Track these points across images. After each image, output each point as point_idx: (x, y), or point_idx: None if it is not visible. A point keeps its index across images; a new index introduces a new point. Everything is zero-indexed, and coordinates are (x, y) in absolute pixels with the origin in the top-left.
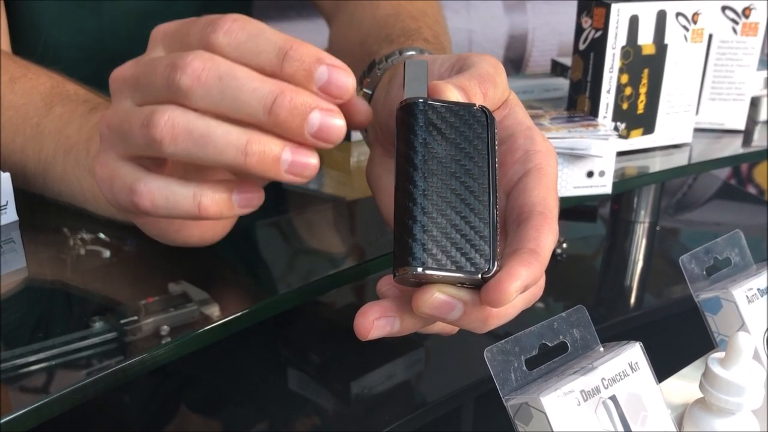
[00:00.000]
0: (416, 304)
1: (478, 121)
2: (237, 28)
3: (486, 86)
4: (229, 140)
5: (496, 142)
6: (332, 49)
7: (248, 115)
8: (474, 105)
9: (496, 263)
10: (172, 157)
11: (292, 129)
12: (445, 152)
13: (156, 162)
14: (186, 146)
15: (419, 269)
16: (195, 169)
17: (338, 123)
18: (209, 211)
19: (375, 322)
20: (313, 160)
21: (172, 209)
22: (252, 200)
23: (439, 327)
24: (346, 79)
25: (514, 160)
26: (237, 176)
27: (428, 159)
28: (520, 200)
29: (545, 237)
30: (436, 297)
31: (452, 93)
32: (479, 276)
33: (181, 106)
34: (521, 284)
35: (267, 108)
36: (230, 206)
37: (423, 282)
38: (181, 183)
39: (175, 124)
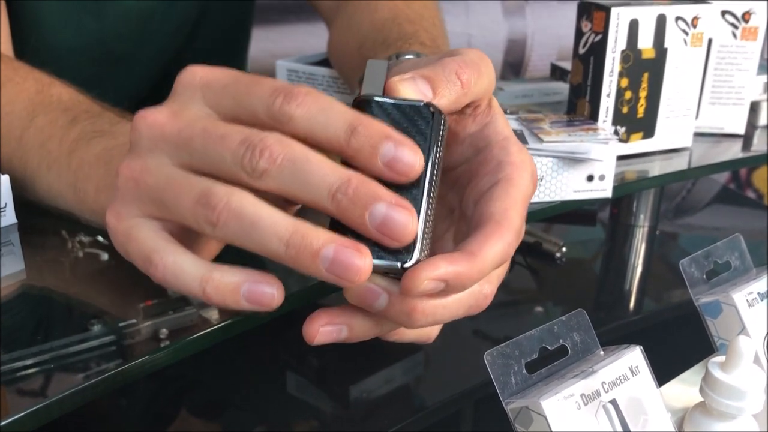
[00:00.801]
0: (346, 292)
1: (423, 119)
2: (310, 102)
3: (467, 71)
4: (275, 230)
5: (440, 139)
6: (331, 53)
7: (312, 200)
8: (421, 102)
9: (417, 256)
10: (215, 238)
11: (354, 218)
12: None
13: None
14: (234, 230)
15: None
16: None
17: (408, 219)
18: (212, 300)
19: (321, 328)
20: (359, 261)
21: (180, 287)
22: (263, 298)
23: (411, 334)
24: (412, 157)
25: (486, 170)
26: None
27: None
28: (481, 209)
29: (491, 244)
30: (362, 284)
31: (406, 89)
32: (399, 266)
33: (241, 186)
34: (436, 275)
35: (331, 194)
36: (236, 299)
37: None
38: (193, 262)
39: (230, 208)
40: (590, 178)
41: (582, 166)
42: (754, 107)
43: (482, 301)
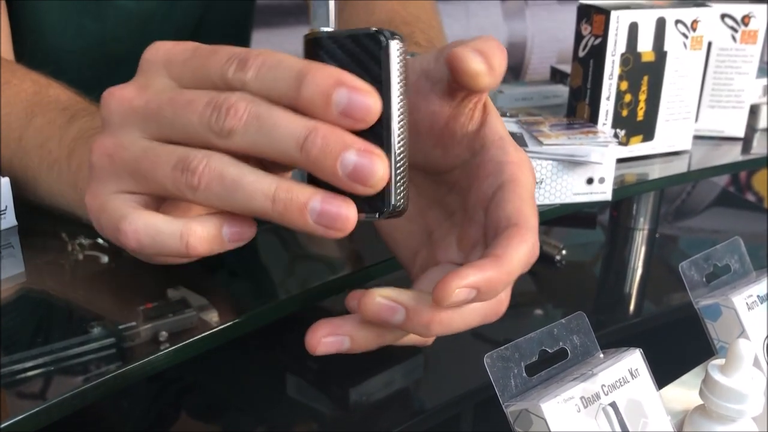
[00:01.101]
0: (361, 310)
1: (377, 48)
2: (260, 63)
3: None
4: (258, 187)
5: (400, 68)
6: None
7: (282, 153)
8: (371, 30)
9: (393, 202)
10: (197, 202)
11: (325, 168)
12: None
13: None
14: (217, 192)
15: None
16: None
17: (378, 165)
18: (198, 250)
19: (322, 339)
20: (345, 210)
21: (159, 248)
22: (243, 234)
23: (410, 339)
24: (367, 101)
25: (487, 172)
26: None
27: None
28: (495, 214)
29: (515, 247)
30: (378, 302)
31: (474, 59)
32: (377, 216)
33: (215, 149)
34: (467, 284)
35: (299, 145)
36: (221, 242)
37: None
38: (167, 220)
39: (211, 169)
40: (590, 181)
41: (582, 169)
42: (754, 110)
43: (498, 307)
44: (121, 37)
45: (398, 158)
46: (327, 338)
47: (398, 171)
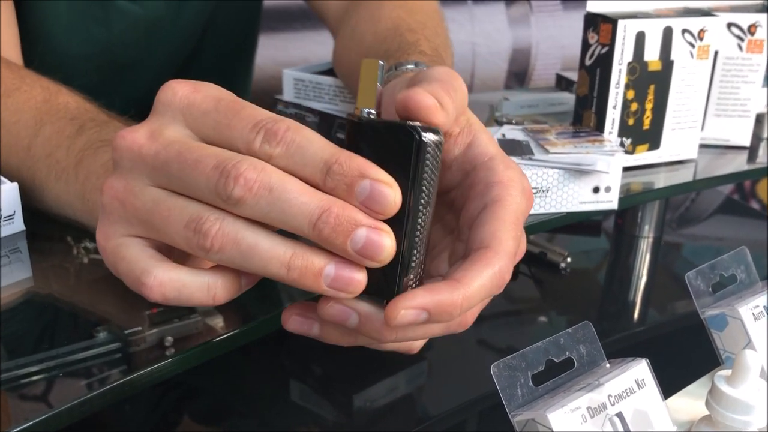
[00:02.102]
0: (319, 310)
1: (408, 142)
2: (289, 140)
3: (447, 90)
4: (274, 254)
5: (428, 161)
6: (336, 65)
7: (294, 228)
8: (405, 124)
9: (400, 290)
10: (211, 260)
11: (336, 245)
12: None
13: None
14: (231, 255)
15: None
16: None
17: (385, 242)
18: (222, 300)
19: (293, 316)
20: (357, 276)
21: (185, 300)
22: (256, 279)
23: (391, 345)
24: (388, 193)
25: (475, 193)
26: None
27: None
28: (472, 235)
29: (477, 271)
30: (332, 305)
31: (425, 102)
32: (384, 301)
33: (227, 212)
34: (415, 305)
35: (312, 223)
36: (239, 289)
37: None
38: (192, 273)
39: (225, 234)
40: (596, 189)
41: (588, 178)
42: (760, 119)
43: (462, 320)
44: (128, 43)
45: (413, 248)
46: (297, 317)
47: (413, 260)
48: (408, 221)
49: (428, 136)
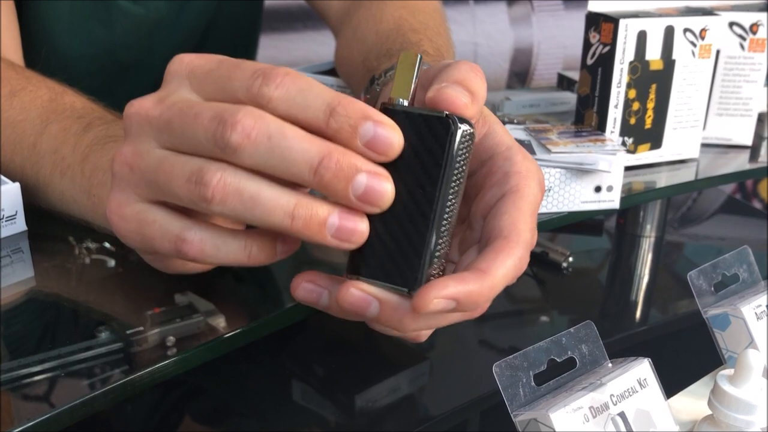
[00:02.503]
0: (338, 297)
1: (443, 132)
2: (288, 82)
3: (475, 85)
4: (277, 203)
5: (461, 152)
6: (338, 64)
7: (294, 175)
8: (441, 114)
9: (424, 280)
10: (214, 214)
11: (337, 191)
12: (405, 164)
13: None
14: (234, 206)
15: (359, 278)
16: None
17: (386, 187)
18: (258, 260)
19: (303, 283)
20: (361, 225)
21: (222, 258)
22: (292, 249)
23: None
24: (392, 136)
25: (492, 182)
26: None
27: (388, 170)
28: (491, 224)
29: (501, 261)
30: (352, 293)
31: (459, 97)
32: (406, 291)
33: (228, 163)
34: (447, 294)
35: (313, 169)
36: (275, 254)
37: None
38: (229, 232)
39: (226, 184)
40: (598, 189)
41: (590, 177)
42: (762, 118)
43: (475, 312)
44: (130, 43)
45: (440, 238)
46: (307, 284)
47: (438, 249)
48: (437, 210)
49: (463, 127)
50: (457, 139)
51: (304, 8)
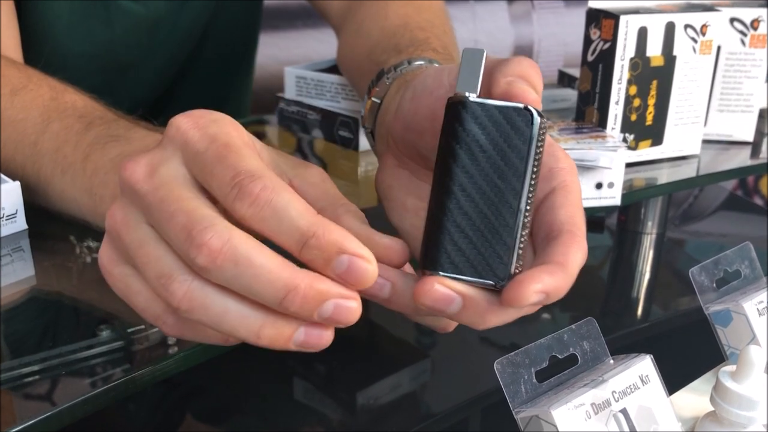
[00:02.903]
0: (417, 295)
1: (524, 124)
2: (263, 201)
3: (537, 82)
4: (244, 322)
5: (540, 145)
6: (340, 60)
7: (262, 300)
8: (520, 106)
9: (512, 272)
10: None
11: (303, 317)
12: (484, 156)
13: None
14: (200, 317)
15: (439, 272)
16: None
17: (352, 306)
18: (265, 342)
19: None
20: (326, 335)
21: (203, 341)
22: (321, 339)
23: (431, 320)
24: (366, 268)
25: (539, 177)
26: None
27: (465, 163)
28: (548, 218)
29: (573, 254)
30: (437, 289)
31: (530, 92)
32: (494, 285)
33: (199, 276)
34: (542, 288)
35: (278, 300)
36: (287, 344)
37: None
38: (242, 304)
39: (192, 299)
40: (599, 185)
41: (591, 174)
42: (763, 114)
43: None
44: (130, 43)
45: (523, 230)
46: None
47: (522, 240)
48: (521, 201)
49: (543, 119)
50: (539, 129)
51: (304, 6)
